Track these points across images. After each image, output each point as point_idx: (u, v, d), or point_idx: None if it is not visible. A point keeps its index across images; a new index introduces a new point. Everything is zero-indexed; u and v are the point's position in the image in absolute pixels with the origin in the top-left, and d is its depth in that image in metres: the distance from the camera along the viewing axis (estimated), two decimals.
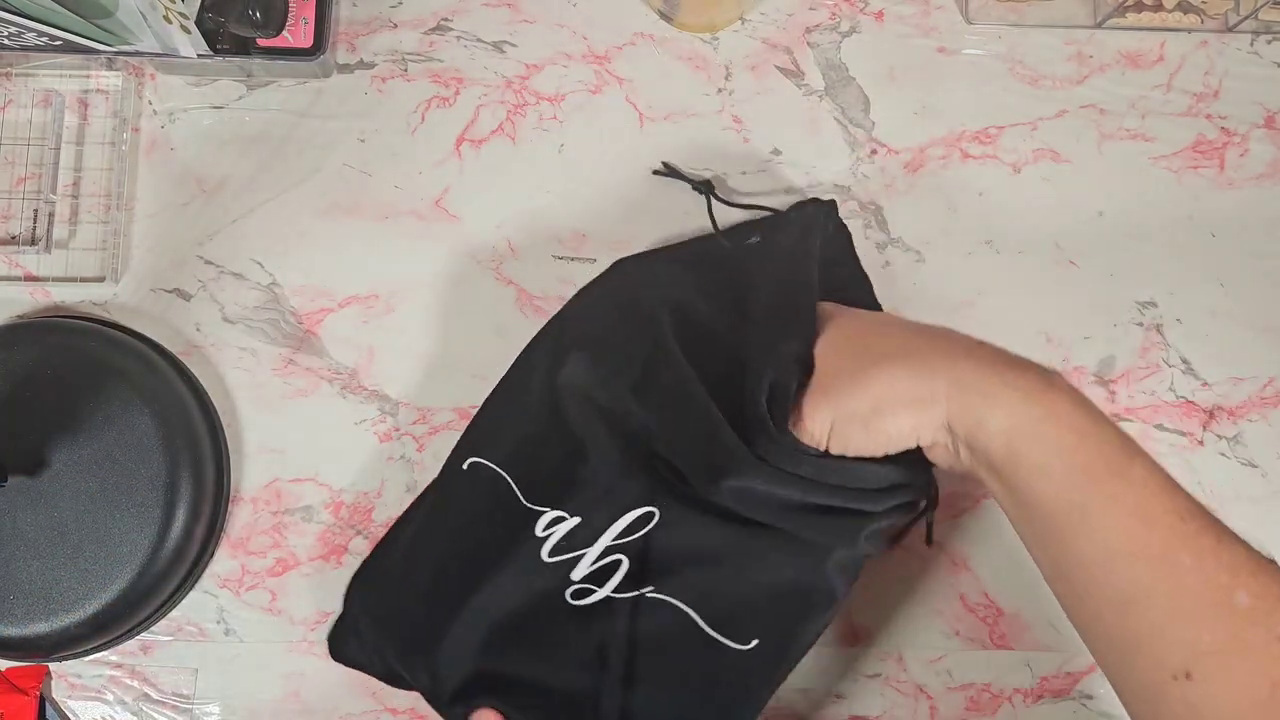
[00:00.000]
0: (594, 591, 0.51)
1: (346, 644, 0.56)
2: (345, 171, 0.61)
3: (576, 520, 0.52)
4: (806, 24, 0.63)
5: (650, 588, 0.51)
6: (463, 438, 0.57)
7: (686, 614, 0.50)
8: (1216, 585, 0.39)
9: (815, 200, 0.58)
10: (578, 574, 0.51)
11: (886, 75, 0.63)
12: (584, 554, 0.51)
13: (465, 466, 0.55)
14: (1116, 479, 0.41)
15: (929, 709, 0.57)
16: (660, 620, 0.51)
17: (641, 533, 0.51)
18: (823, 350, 0.48)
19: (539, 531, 0.52)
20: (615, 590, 0.51)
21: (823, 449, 0.47)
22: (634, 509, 0.51)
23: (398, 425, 0.59)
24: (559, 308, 0.59)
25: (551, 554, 0.52)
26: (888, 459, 0.47)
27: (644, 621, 0.51)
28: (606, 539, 0.51)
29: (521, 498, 0.53)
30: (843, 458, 0.47)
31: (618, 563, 0.51)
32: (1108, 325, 0.61)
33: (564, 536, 0.52)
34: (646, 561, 0.51)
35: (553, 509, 0.52)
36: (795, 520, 0.48)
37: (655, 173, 0.61)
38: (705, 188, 0.60)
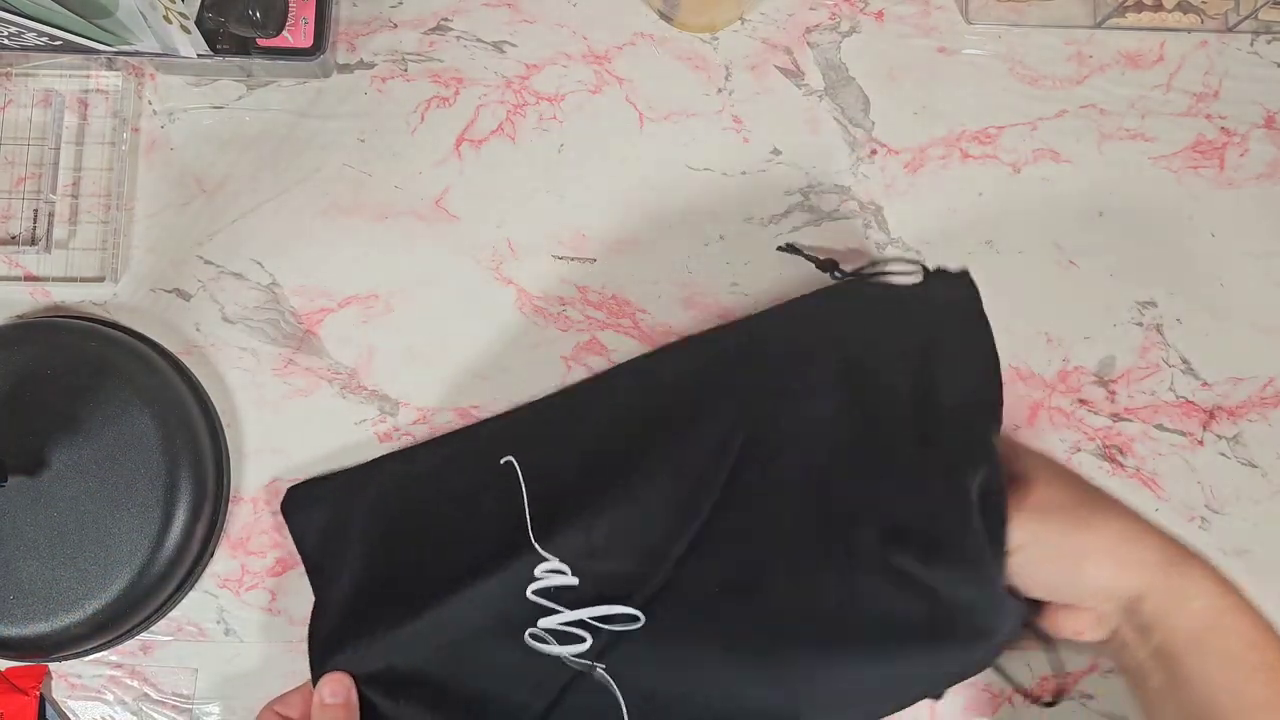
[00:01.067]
0: (550, 644, 0.51)
1: (303, 515, 0.56)
2: (345, 171, 0.61)
3: (574, 581, 0.51)
4: (806, 24, 0.63)
5: (603, 666, 0.50)
6: (504, 423, 0.56)
7: (621, 711, 0.50)
8: None
9: (947, 273, 0.54)
10: (545, 624, 0.51)
11: (886, 75, 0.63)
12: (561, 613, 0.51)
13: (502, 462, 0.55)
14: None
15: (929, 709, 0.57)
16: (594, 701, 0.50)
17: (619, 628, 0.50)
18: (1039, 471, 0.47)
19: (536, 572, 0.51)
20: (570, 656, 0.51)
21: None
22: (623, 606, 0.50)
23: (398, 425, 0.59)
24: (559, 308, 0.59)
25: (535, 594, 0.51)
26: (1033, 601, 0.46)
27: (579, 695, 0.50)
28: (585, 614, 0.51)
29: (532, 535, 0.52)
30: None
31: (583, 638, 0.50)
32: (1108, 325, 0.61)
33: (554, 587, 0.51)
34: (609, 651, 0.50)
35: (559, 560, 0.51)
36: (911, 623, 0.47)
37: (779, 249, 0.59)
38: (829, 266, 0.57)
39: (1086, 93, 0.62)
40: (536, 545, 0.52)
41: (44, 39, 0.54)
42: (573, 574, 0.51)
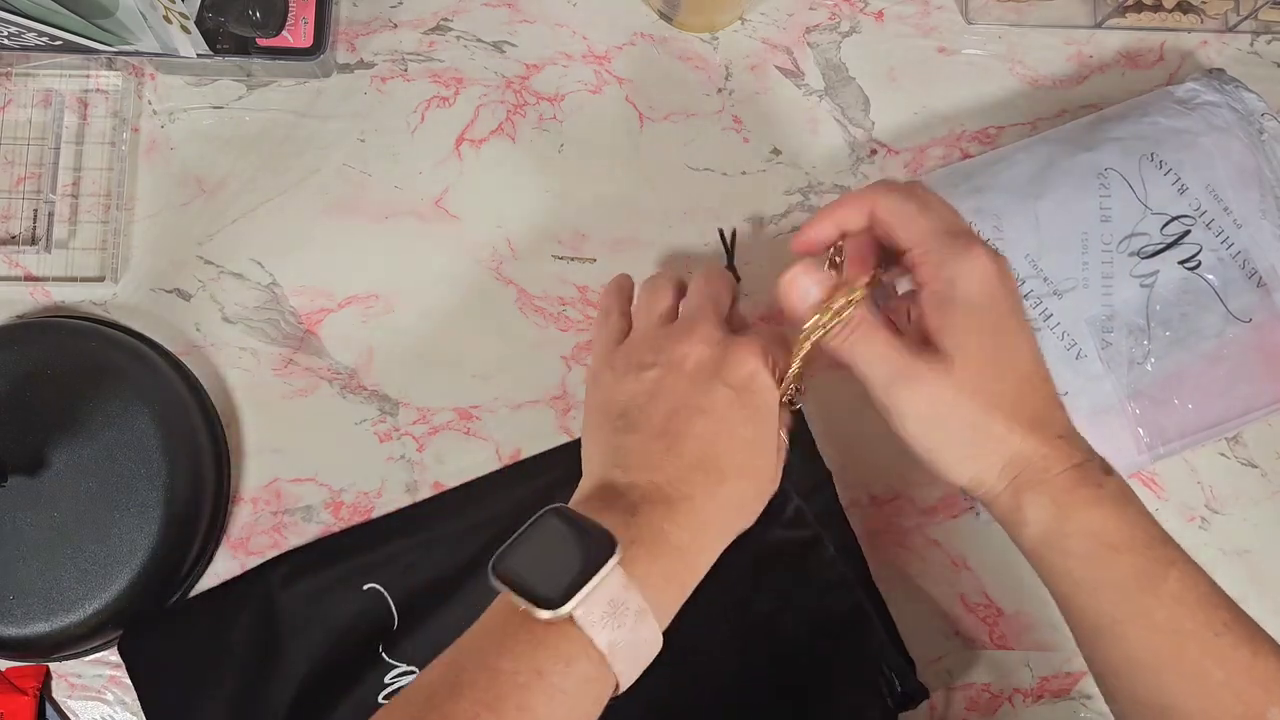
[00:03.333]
0: None
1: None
2: (345, 171, 0.61)
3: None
4: (806, 24, 0.63)
5: None
6: (359, 557, 0.57)
7: None
8: (1249, 700, 0.40)
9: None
10: None
11: (886, 75, 0.63)
12: None
13: (365, 589, 0.56)
14: (1148, 594, 0.41)
15: (929, 709, 0.57)
16: None
17: None
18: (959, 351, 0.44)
19: (386, 679, 0.54)
20: None
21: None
22: None
23: (398, 425, 0.59)
24: (559, 308, 0.59)
25: (385, 699, 0.53)
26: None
27: None
28: None
29: (382, 648, 0.55)
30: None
31: None
32: None
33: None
34: None
35: (407, 665, 0.54)
36: None
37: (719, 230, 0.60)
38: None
39: (1086, 93, 0.62)
40: (385, 656, 0.54)
41: (44, 39, 0.54)
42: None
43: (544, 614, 0.38)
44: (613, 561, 0.39)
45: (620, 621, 0.39)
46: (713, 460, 0.45)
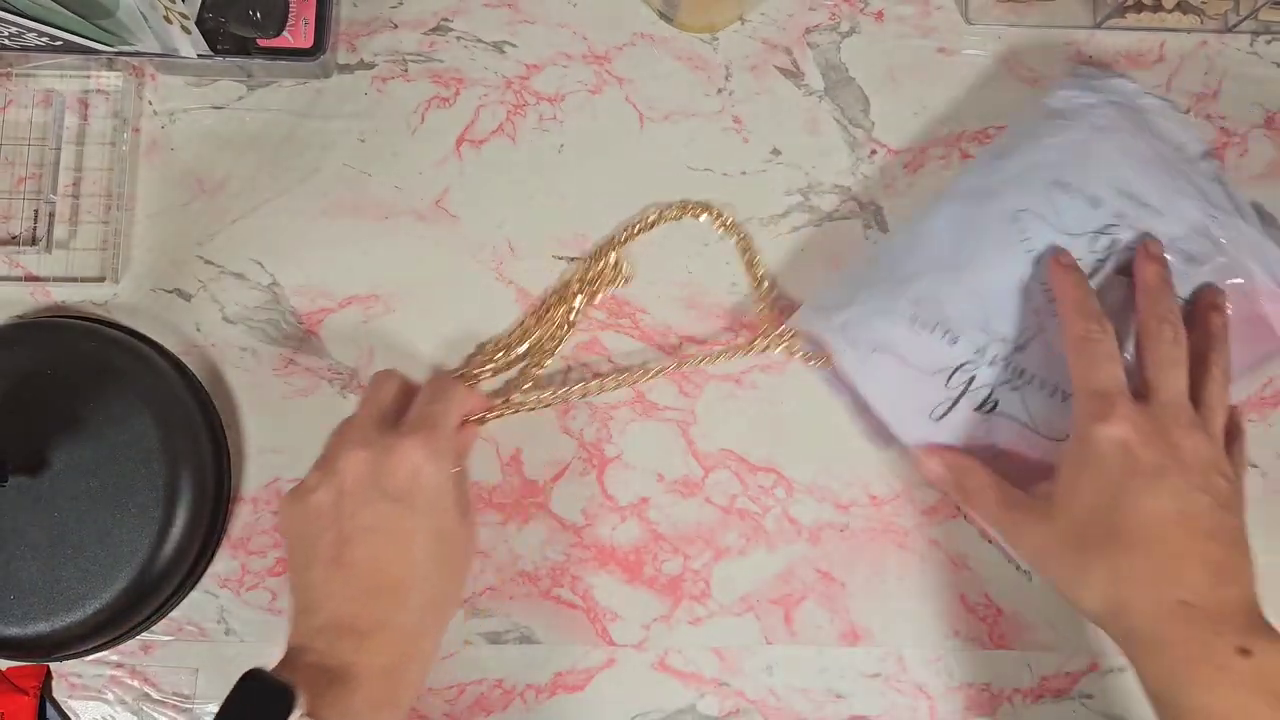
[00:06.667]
0: None
1: None
2: (345, 171, 0.61)
3: None
4: (806, 24, 0.63)
5: None
6: None
7: None
8: None
9: None
10: None
11: (886, 75, 0.63)
12: None
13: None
14: None
15: (929, 709, 0.57)
16: None
17: None
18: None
19: None
20: None
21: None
22: None
23: None
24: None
25: None
26: None
27: None
28: None
29: None
30: None
31: None
32: None
33: None
34: None
35: None
36: None
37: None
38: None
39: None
40: None
41: (44, 39, 0.54)
42: None
43: None
44: (294, 715, 0.41)
45: None
46: (392, 581, 0.46)
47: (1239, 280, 0.54)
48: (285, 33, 0.59)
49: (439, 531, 0.49)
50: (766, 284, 0.59)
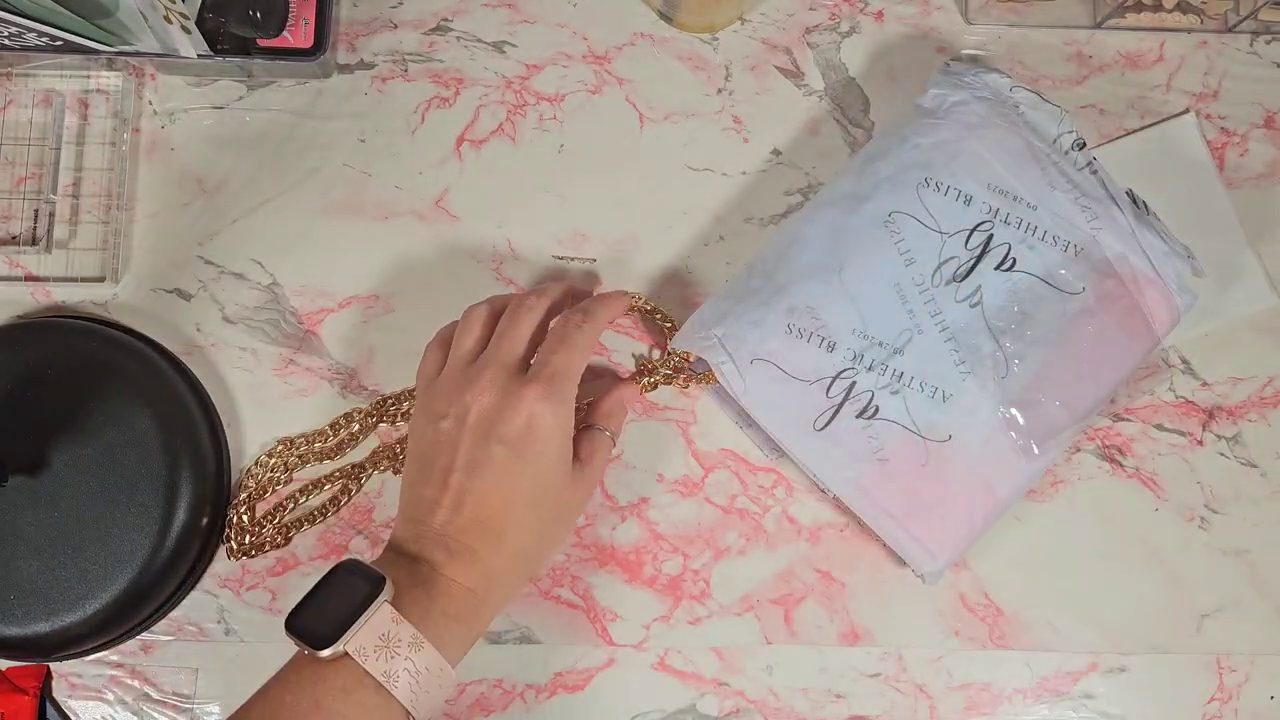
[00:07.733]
0: None
1: None
2: (345, 171, 0.61)
3: None
4: (806, 24, 0.63)
5: None
6: None
7: None
8: None
9: None
10: None
11: (886, 75, 0.63)
12: None
13: None
14: None
15: (929, 709, 0.58)
16: None
17: None
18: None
19: None
20: None
21: None
22: None
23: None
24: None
25: None
26: None
27: None
28: None
29: None
30: None
31: None
32: None
33: None
34: None
35: None
36: None
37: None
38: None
39: (1086, 93, 0.62)
40: None
41: (44, 39, 0.54)
42: None
43: (322, 652, 0.43)
44: (380, 600, 0.44)
45: (394, 652, 0.44)
46: (490, 519, 0.48)
47: (1117, 271, 0.55)
48: (285, 33, 0.59)
49: (543, 484, 0.50)
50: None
